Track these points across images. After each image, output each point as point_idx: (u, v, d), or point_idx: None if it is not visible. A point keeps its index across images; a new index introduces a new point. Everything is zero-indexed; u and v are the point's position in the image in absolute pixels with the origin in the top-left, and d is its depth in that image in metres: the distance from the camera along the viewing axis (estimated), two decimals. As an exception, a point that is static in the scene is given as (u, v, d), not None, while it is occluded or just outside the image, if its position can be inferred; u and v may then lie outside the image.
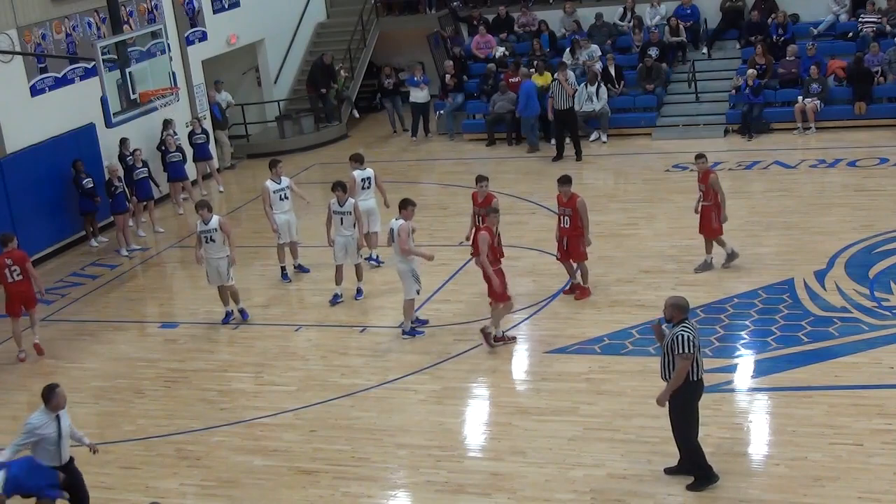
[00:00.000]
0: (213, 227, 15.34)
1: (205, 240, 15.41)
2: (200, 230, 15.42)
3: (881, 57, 22.77)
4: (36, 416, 10.22)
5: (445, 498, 10.81)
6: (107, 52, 16.09)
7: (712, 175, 15.54)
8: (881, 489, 10.06)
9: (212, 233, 15.34)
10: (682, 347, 9.87)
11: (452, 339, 14.46)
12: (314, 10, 29.09)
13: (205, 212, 15.32)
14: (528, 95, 23.58)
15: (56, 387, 10.33)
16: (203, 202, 15.59)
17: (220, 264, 15.52)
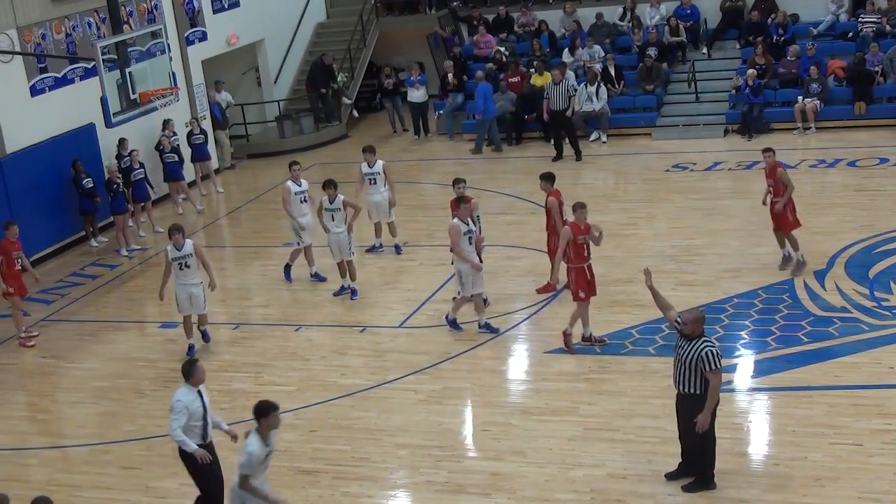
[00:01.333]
0: (188, 252, 14.26)
1: (178, 266, 14.29)
2: (173, 257, 14.22)
3: (881, 57, 22.77)
4: (182, 392, 10.02)
5: (445, 498, 10.81)
6: (107, 52, 16.10)
7: (780, 169, 15.40)
8: (881, 489, 10.06)
9: (187, 258, 14.27)
10: (711, 364, 9.85)
11: (452, 339, 14.46)
12: (314, 10, 29.09)
13: (178, 237, 14.19)
14: (485, 97, 23.83)
15: (196, 361, 10.30)
16: (177, 226, 14.37)
17: (193, 291, 14.42)
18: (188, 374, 10.12)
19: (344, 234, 16.07)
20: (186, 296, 14.40)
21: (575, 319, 13.63)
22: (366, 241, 18.11)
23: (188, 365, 10.21)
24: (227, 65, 26.18)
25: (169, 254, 14.23)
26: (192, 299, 14.43)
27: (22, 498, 10.71)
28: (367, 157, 17.54)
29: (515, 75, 24.81)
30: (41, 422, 13.87)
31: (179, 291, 14.41)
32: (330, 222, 16.09)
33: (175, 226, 14.40)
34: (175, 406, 9.97)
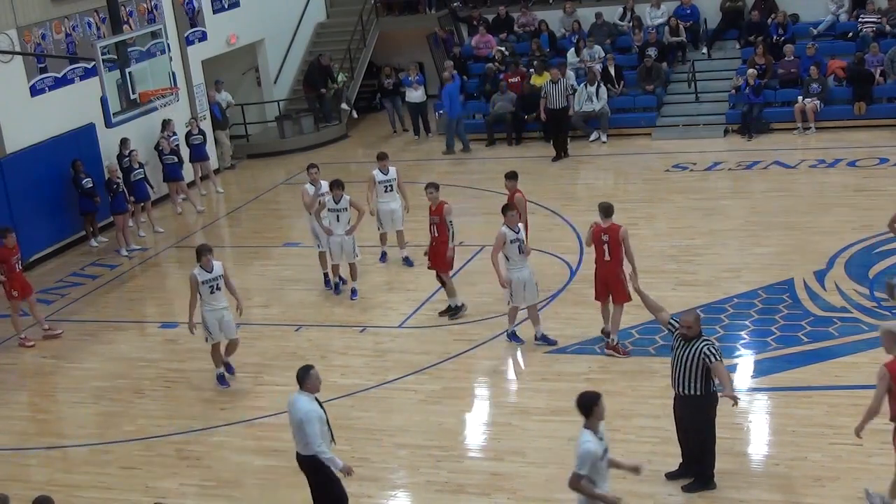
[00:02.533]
0: (219, 273, 13.30)
1: (209, 290, 13.26)
2: (204, 279, 13.20)
3: (881, 57, 22.76)
4: (304, 401, 9.58)
5: (445, 498, 10.81)
6: (107, 52, 16.10)
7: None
8: (881, 489, 10.04)
9: (217, 281, 13.28)
10: (713, 358, 9.93)
11: (452, 339, 14.46)
12: (314, 10, 29.08)
13: (208, 258, 13.25)
14: (451, 97, 24.04)
15: (311, 368, 9.77)
16: (206, 247, 13.46)
17: (224, 315, 13.44)
18: (303, 379, 9.66)
19: (346, 237, 16.01)
20: (216, 321, 13.35)
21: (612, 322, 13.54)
22: (365, 241, 18.06)
23: (302, 372, 9.71)
24: (227, 65, 26.17)
25: (198, 277, 13.16)
26: (223, 324, 13.42)
27: (22, 498, 10.72)
28: (381, 165, 17.08)
29: (515, 75, 24.82)
30: (41, 422, 13.87)
31: (209, 317, 13.31)
32: (335, 223, 15.98)
33: (204, 247, 13.46)
34: (308, 418, 9.51)
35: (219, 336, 13.45)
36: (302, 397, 9.66)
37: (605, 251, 13.28)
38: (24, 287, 15.93)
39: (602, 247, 13.28)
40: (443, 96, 24.36)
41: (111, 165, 20.25)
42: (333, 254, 16.16)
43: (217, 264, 13.31)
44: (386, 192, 17.01)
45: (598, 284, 13.51)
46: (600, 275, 13.44)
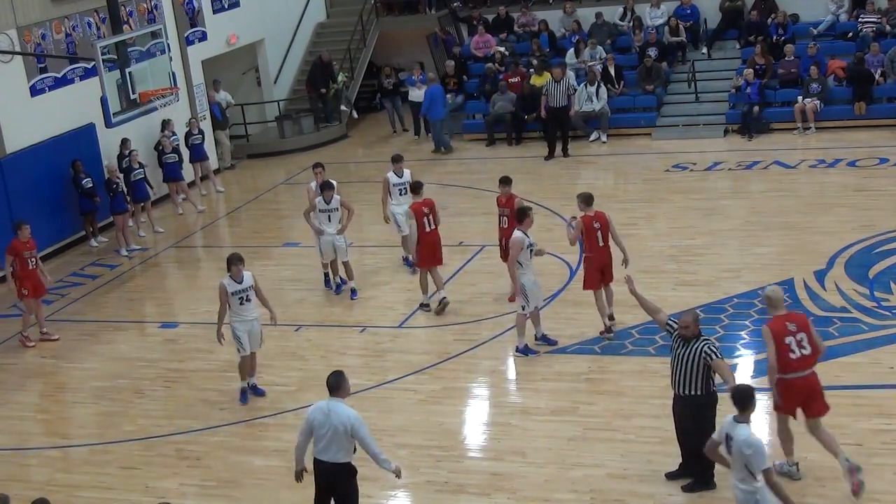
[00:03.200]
0: (249, 283, 12.81)
1: (239, 301, 12.78)
2: (233, 290, 12.73)
3: (881, 57, 22.76)
4: (344, 406, 9.47)
5: (445, 498, 10.81)
6: (107, 52, 16.09)
7: None
8: (881, 489, 10.06)
9: (247, 291, 12.82)
10: (713, 356, 9.95)
11: (452, 339, 14.46)
12: (314, 10, 29.08)
13: (239, 268, 12.72)
14: (433, 99, 24.28)
15: (343, 373, 9.68)
16: (237, 256, 12.83)
17: (254, 326, 13.05)
18: (339, 386, 9.50)
19: (338, 236, 16.03)
20: (246, 332, 12.94)
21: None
22: (365, 241, 18.07)
23: (338, 377, 9.55)
24: (227, 65, 26.17)
25: (227, 287, 12.69)
26: (251, 336, 13.03)
27: (22, 498, 10.72)
28: (396, 168, 16.66)
29: (515, 75, 24.82)
30: (41, 422, 13.87)
31: (239, 328, 12.88)
32: (326, 223, 16.00)
33: (234, 256, 12.80)
34: (360, 422, 9.38)
35: (249, 349, 13.03)
36: (340, 403, 9.45)
37: (598, 238, 13.74)
38: (36, 286, 15.83)
39: (595, 234, 13.72)
40: (425, 98, 24.57)
41: (111, 165, 20.27)
42: (325, 253, 16.19)
43: (247, 275, 12.79)
44: (401, 195, 16.54)
45: (592, 272, 13.81)
46: (595, 261, 13.79)
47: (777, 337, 9.98)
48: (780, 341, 9.96)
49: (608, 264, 13.91)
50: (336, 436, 9.39)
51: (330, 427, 9.38)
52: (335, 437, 9.39)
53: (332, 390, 9.50)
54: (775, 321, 10.13)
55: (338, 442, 9.40)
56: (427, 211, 15.23)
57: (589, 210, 13.80)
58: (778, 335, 9.98)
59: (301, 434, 9.60)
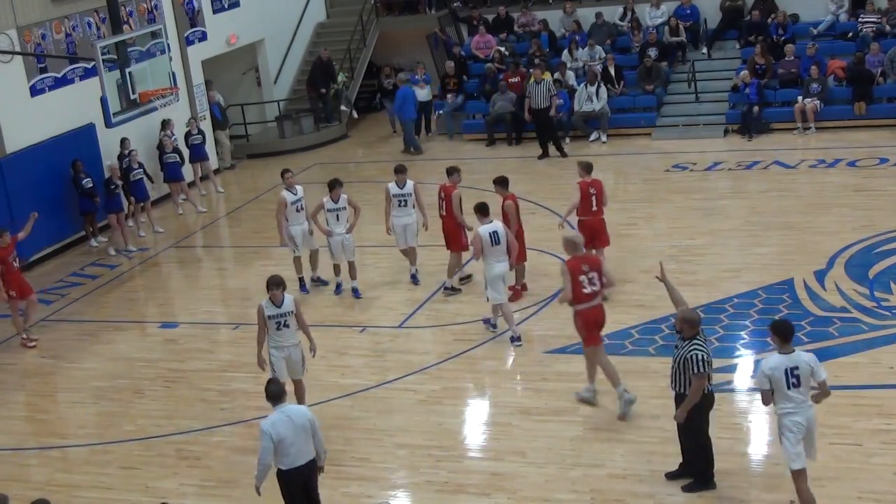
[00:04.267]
0: (289, 309, 11.99)
1: (276, 325, 12.00)
2: (271, 314, 11.94)
3: (882, 57, 22.76)
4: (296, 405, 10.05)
5: (445, 498, 10.81)
6: (107, 52, 16.10)
7: None
8: (881, 489, 10.07)
9: (286, 317, 11.99)
10: (696, 367, 9.85)
11: (452, 339, 14.46)
12: (314, 10, 29.09)
13: (278, 292, 11.89)
14: (404, 100, 24.56)
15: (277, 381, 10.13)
16: (276, 280, 11.96)
17: (292, 353, 12.16)
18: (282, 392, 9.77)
19: (347, 235, 16.00)
20: (283, 360, 12.08)
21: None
22: (364, 241, 18.07)
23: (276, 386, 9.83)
24: (227, 65, 26.18)
25: (265, 310, 11.93)
26: (290, 364, 12.16)
27: (22, 498, 10.72)
28: (398, 179, 16.15)
29: (515, 75, 24.83)
30: (41, 422, 13.87)
31: (275, 355, 12.06)
32: (334, 222, 15.92)
33: (274, 279, 11.96)
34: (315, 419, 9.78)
35: (285, 377, 12.02)
36: (290, 406, 9.75)
37: (591, 203, 15.01)
38: (21, 287, 15.90)
39: (590, 199, 14.97)
40: (395, 99, 24.82)
41: (112, 165, 20.24)
42: (335, 253, 16.13)
43: (288, 299, 11.99)
44: (400, 207, 16.18)
45: (583, 233, 14.39)
46: (587, 224, 14.97)
47: (573, 274, 11.82)
48: (575, 278, 11.80)
49: (599, 228, 15.15)
50: (303, 436, 9.56)
51: (297, 432, 9.50)
52: (303, 438, 9.56)
53: (277, 398, 9.65)
54: (574, 261, 12.00)
55: (305, 441, 9.60)
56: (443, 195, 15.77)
57: (587, 177, 15.05)
58: (574, 273, 11.82)
59: (268, 457, 9.53)
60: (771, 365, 9.42)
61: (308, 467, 9.69)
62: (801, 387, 9.43)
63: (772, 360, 9.43)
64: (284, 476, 9.63)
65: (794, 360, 9.41)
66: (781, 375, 9.35)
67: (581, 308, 11.90)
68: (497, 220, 14.18)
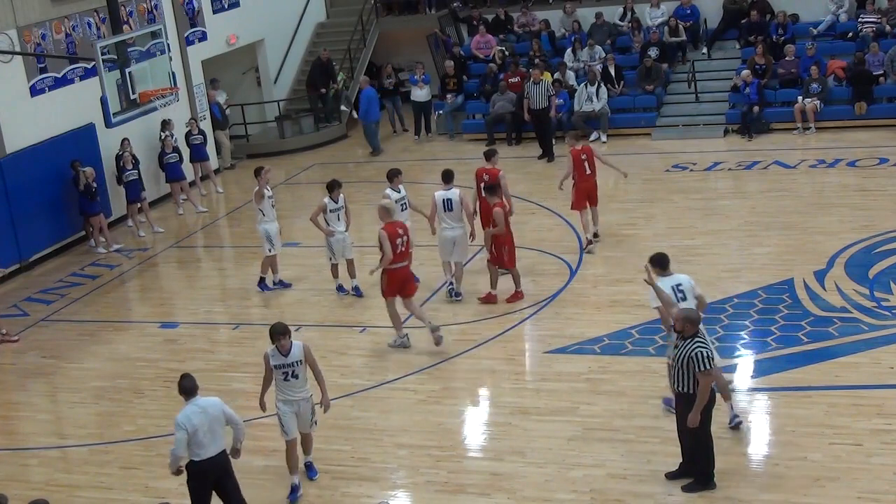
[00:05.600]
0: (297, 358, 10.80)
1: (283, 376, 10.82)
2: (277, 364, 10.78)
3: (882, 57, 22.76)
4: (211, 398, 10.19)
5: (445, 498, 10.81)
6: (107, 52, 16.10)
7: None
8: (881, 489, 10.07)
9: (294, 367, 10.81)
10: (701, 365, 9.84)
11: (452, 339, 14.45)
12: (314, 10, 29.09)
13: (285, 341, 10.71)
14: (369, 102, 24.69)
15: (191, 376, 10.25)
16: (281, 328, 10.77)
17: (302, 406, 10.98)
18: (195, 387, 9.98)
19: (346, 235, 16.02)
20: (292, 413, 10.95)
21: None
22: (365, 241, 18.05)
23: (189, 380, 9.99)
24: (226, 65, 26.18)
25: (270, 360, 10.79)
26: (300, 418, 11.00)
27: (22, 498, 10.72)
28: (394, 184, 16.00)
29: (515, 75, 24.83)
30: (41, 422, 13.87)
31: (284, 409, 10.92)
32: (335, 222, 15.92)
33: (278, 327, 10.75)
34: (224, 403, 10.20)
35: (293, 431, 10.98)
36: (202, 398, 9.98)
37: (585, 167, 16.49)
38: None
39: (582, 164, 16.45)
40: (361, 101, 24.93)
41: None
42: (335, 253, 16.09)
43: (297, 346, 10.82)
44: (402, 212, 15.85)
45: (579, 196, 16.55)
46: (583, 188, 16.57)
47: (391, 239, 13.54)
48: (393, 242, 13.52)
49: (593, 191, 16.78)
50: (217, 426, 9.91)
51: (210, 421, 9.84)
52: (217, 428, 9.91)
53: (191, 393, 9.92)
54: (390, 226, 13.65)
55: (219, 431, 9.94)
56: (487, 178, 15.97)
57: (579, 143, 16.70)
58: (392, 238, 13.56)
59: (181, 448, 9.80)
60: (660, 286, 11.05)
61: (222, 456, 10.02)
62: (687, 300, 11.10)
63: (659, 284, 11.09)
64: (199, 466, 9.90)
65: (675, 279, 11.26)
66: (670, 292, 11.01)
67: (393, 267, 13.70)
68: (456, 189, 15.38)
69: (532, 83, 23.18)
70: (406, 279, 14.03)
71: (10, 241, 18.95)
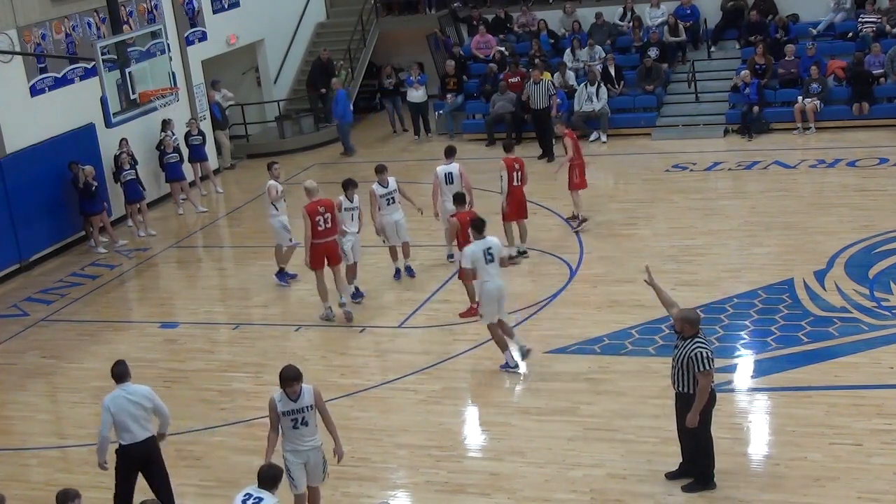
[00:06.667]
0: (307, 403, 9.79)
1: (293, 424, 9.78)
2: (285, 410, 9.76)
3: (882, 58, 22.75)
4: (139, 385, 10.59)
5: (445, 498, 10.81)
6: (107, 52, 16.10)
7: None
8: (881, 489, 10.07)
9: (304, 413, 9.78)
10: (701, 365, 9.82)
11: (452, 339, 14.47)
12: (314, 10, 29.09)
13: (295, 386, 9.73)
14: (341, 103, 24.85)
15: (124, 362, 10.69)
16: (292, 373, 9.76)
17: (312, 456, 9.96)
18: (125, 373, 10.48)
19: (357, 237, 15.83)
20: (301, 465, 9.94)
21: None
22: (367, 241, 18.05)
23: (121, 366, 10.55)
24: (227, 65, 26.18)
25: (278, 405, 9.79)
26: (310, 469, 10.01)
27: (22, 498, 10.73)
28: (381, 178, 16.28)
29: (515, 75, 24.83)
30: (41, 422, 13.87)
31: (292, 460, 9.89)
32: (349, 222, 15.68)
33: (291, 372, 9.75)
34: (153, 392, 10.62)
35: (303, 486, 10.01)
36: (131, 385, 10.41)
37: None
38: None
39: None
40: (335, 104, 24.99)
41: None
42: (347, 254, 15.74)
43: (307, 391, 9.82)
44: (389, 205, 16.29)
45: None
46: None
47: (311, 216, 14.73)
48: (313, 219, 14.72)
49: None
50: (140, 413, 10.30)
51: (134, 408, 10.26)
52: (140, 414, 10.30)
53: (120, 378, 10.40)
54: (311, 205, 14.83)
55: (144, 418, 10.34)
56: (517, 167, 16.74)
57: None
58: (312, 214, 14.74)
59: (106, 429, 10.32)
60: (472, 249, 12.96)
61: (148, 443, 10.38)
62: (495, 262, 12.90)
63: (472, 246, 13.00)
64: (125, 450, 10.37)
65: (487, 242, 12.99)
66: (481, 255, 12.83)
67: (317, 242, 14.85)
68: (456, 164, 16.64)
69: (532, 83, 23.17)
70: (328, 252, 15.07)
71: (10, 241, 18.95)
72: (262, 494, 8.79)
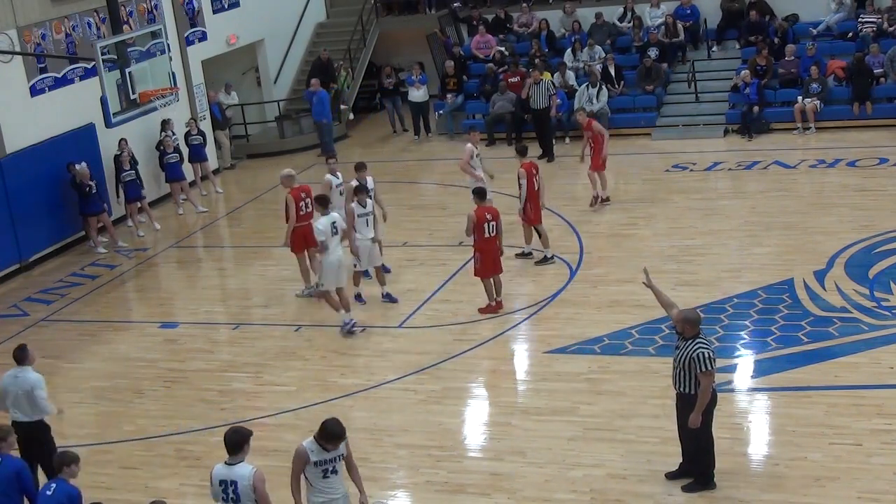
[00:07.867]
0: (341, 452, 9.10)
1: (323, 473, 9.05)
2: (317, 459, 9.00)
3: (882, 58, 22.75)
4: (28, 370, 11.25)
5: (445, 498, 10.81)
6: (107, 52, 16.09)
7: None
8: (881, 489, 10.07)
9: (336, 462, 9.09)
10: (703, 365, 9.81)
11: (452, 339, 14.46)
12: (314, 10, 29.09)
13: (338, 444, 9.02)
14: (322, 104, 24.75)
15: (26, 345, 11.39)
16: (341, 430, 8.98)
17: None
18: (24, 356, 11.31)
19: (371, 242, 15.55)
20: None
21: None
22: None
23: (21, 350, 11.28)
24: (227, 65, 26.18)
25: (310, 456, 9.01)
26: None
27: (21, 498, 10.70)
28: (360, 175, 15.89)
29: (515, 75, 24.83)
30: (41, 422, 13.86)
31: None
32: (364, 228, 15.39)
33: (338, 430, 8.94)
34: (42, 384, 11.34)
35: None
36: (26, 370, 11.15)
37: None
38: None
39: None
40: (316, 105, 24.81)
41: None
42: (361, 260, 15.50)
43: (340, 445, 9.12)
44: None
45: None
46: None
47: (296, 201, 15.85)
48: (297, 205, 15.82)
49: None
50: (23, 399, 11.06)
51: (17, 391, 11.06)
52: (23, 400, 11.07)
53: (19, 362, 11.19)
54: (295, 190, 15.91)
55: (29, 403, 11.07)
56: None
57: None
58: (297, 200, 15.86)
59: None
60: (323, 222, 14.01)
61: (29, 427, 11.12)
62: (338, 234, 14.10)
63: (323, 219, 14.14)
64: (15, 426, 10.89)
65: (332, 217, 13.85)
66: (328, 229, 14.02)
67: (299, 225, 15.82)
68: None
69: (532, 83, 23.17)
70: (306, 234, 15.69)
71: (10, 241, 18.95)
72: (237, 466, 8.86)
